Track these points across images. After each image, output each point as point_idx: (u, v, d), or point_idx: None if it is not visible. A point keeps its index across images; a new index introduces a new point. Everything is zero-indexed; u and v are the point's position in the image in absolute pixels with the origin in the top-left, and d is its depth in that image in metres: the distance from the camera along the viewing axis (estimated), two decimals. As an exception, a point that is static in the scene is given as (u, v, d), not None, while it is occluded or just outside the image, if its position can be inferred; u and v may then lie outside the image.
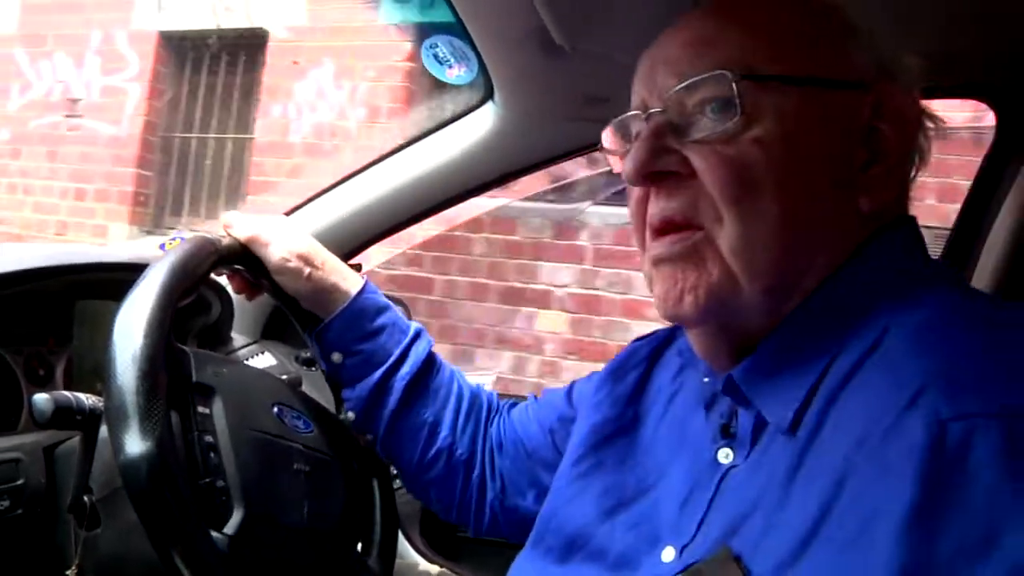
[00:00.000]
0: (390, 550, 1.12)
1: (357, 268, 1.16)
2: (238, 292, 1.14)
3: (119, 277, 1.21)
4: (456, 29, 1.17)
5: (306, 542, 0.94)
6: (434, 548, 1.64)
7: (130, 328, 0.81)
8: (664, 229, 0.74)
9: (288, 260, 1.04)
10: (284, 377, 1.46)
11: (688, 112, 0.72)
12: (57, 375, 1.20)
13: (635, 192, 0.78)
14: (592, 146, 1.46)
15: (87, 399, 0.88)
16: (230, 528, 0.83)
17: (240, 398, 0.94)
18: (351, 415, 1.11)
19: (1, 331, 1.13)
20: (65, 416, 0.86)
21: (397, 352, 1.09)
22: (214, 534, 0.81)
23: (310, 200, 1.59)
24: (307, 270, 1.05)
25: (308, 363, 1.66)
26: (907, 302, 0.66)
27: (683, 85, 0.72)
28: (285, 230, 1.07)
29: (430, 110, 1.52)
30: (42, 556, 0.96)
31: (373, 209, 1.56)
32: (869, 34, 0.74)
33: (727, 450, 0.74)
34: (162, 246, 1.69)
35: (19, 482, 0.97)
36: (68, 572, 0.89)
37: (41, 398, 0.85)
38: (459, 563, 1.64)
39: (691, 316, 0.73)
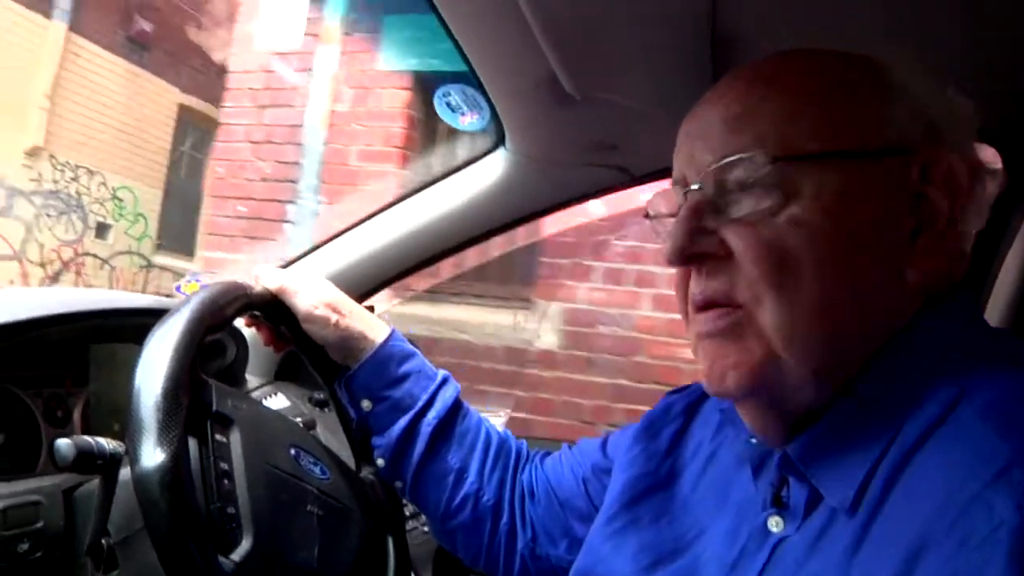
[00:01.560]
0: None
1: (370, 310, 1.17)
2: (266, 344, 1.16)
3: (135, 322, 1.23)
4: (468, 78, 1.20)
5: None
6: (446, 590, 1.63)
7: (158, 351, 0.83)
8: (706, 306, 0.73)
9: (316, 308, 1.07)
10: (299, 420, 1.47)
11: (726, 190, 0.71)
12: (75, 416, 1.21)
13: (678, 268, 0.77)
14: (600, 191, 1.48)
15: (107, 443, 0.89)
16: (237, 555, 0.83)
17: (258, 433, 0.95)
18: (380, 462, 1.12)
19: (20, 374, 1.15)
20: (86, 461, 0.87)
21: (424, 397, 1.10)
22: (221, 558, 0.81)
23: (323, 243, 1.61)
24: (335, 318, 1.07)
25: (321, 405, 1.67)
26: (977, 376, 0.64)
27: (718, 165, 0.71)
28: (313, 281, 1.10)
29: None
30: (61, 598, 0.97)
31: (385, 253, 1.58)
32: (916, 91, 0.71)
33: (778, 519, 0.73)
34: (178, 287, 1.71)
35: (39, 525, 0.98)
36: (86, 615, 0.89)
37: (64, 443, 0.86)
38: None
39: (735, 393, 0.73)
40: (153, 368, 0.82)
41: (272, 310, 1.08)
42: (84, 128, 9.91)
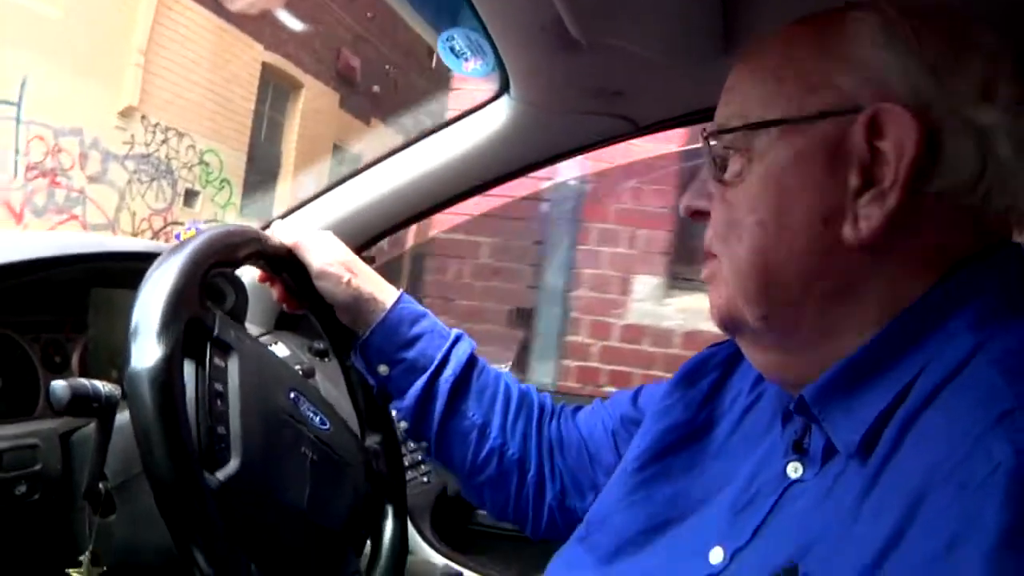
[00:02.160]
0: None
1: (370, 260, 1.16)
2: (279, 301, 1.14)
3: (134, 266, 1.21)
4: (472, 22, 1.17)
5: (301, 526, 0.93)
6: (444, 540, 1.64)
7: (165, 267, 0.82)
8: (704, 254, 0.83)
9: (331, 265, 1.07)
10: (298, 368, 1.47)
11: (714, 157, 0.78)
12: (73, 362, 1.21)
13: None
14: (607, 139, 1.46)
15: (104, 387, 0.88)
16: (222, 474, 0.82)
17: (258, 368, 0.94)
18: (403, 424, 1.13)
19: (18, 318, 1.14)
20: (82, 403, 0.86)
21: (439, 356, 1.11)
22: (205, 474, 0.80)
23: (326, 191, 1.59)
24: (347, 276, 1.07)
25: (321, 354, 1.67)
26: (998, 327, 0.65)
27: (705, 135, 0.79)
28: (327, 239, 1.11)
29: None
30: (57, 541, 0.97)
31: (387, 201, 1.57)
32: (877, 51, 0.70)
33: (797, 464, 0.75)
34: (177, 235, 1.71)
35: (36, 468, 0.98)
36: (82, 558, 0.89)
37: (59, 385, 0.85)
38: (469, 555, 1.64)
39: (721, 330, 0.82)
40: (158, 281, 0.81)
41: (285, 265, 1.07)
42: (174, 87, 9.41)
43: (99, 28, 8.41)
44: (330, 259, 1.08)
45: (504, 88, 1.38)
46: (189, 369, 0.84)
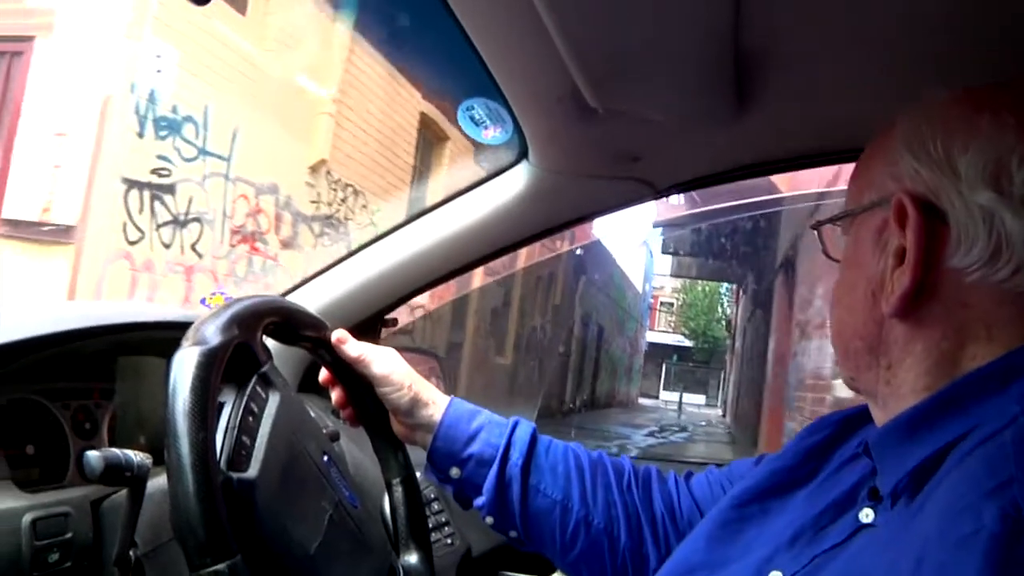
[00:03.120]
0: None
1: (394, 323, 1.19)
2: (338, 406, 1.20)
3: (161, 335, 1.24)
4: (492, 92, 1.20)
5: (303, 572, 0.91)
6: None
7: (231, 303, 0.90)
8: None
9: (392, 373, 1.13)
10: (324, 431, 1.48)
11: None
12: (102, 428, 1.22)
13: None
14: (625, 203, 1.48)
15: (136, 456, 0.90)
16: (235, 474, 0.84)
17: (297, 414, 0.98)
18: (489, 520, 1.16)
19: (49, 386, 1.16)
20: (115, 473, 0.88)
21: (503, 444, 1.14)
22: (221, 467, 0.83)
23: (350, 255, 1.62)
24: (408, 382, 1.13)
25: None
26: None
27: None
28: (390, 353, 1.16)
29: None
30: (89, 609, 0.98)
31: (410, 265, 1.59)
32: (919, 143, 0.78)
33: (869, 511, 0.78)
34: (203, 300, 1.73)
35: (68, 536, 0.99)
36: (114, 625, 0.90)
37: (93, 456, 0.87)
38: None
39: None
40: (219, 310, 0.88)
41: (347, 374, 1.14)
42: (354, 139, 9.06)
43: (294, 71, 8.17)
44: (391, 368, 1.14)
45: (523, 154, 1.41)
46: (229, 392, 0.88)
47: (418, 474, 1.21)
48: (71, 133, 6.67)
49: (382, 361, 1.14)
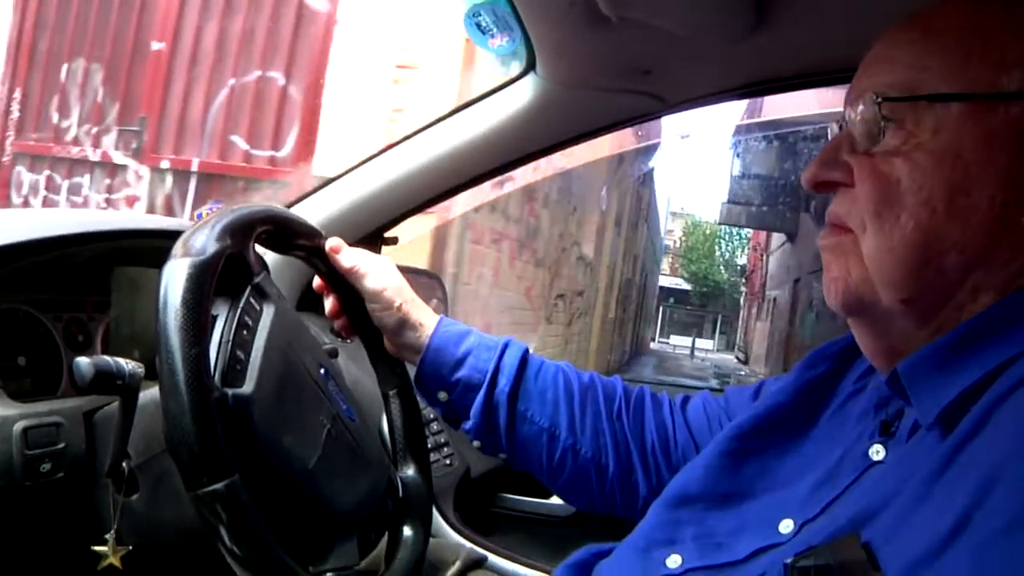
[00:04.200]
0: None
1: (394, 241, 1.16)
2: (331, 316, 1.17)
3: (156, 244, 1.21)
4: (500, -2, 1.16)
5: (302, 483, 0.89)
6: (468, 523, 1.63)
7: (222, 211, 0.86)
8: (831, 225, 0.79)
9: (384, 290, 1.10)
10: (323, 347, 1.46)
11: (860, 127, 0.75)
12: (96, 341, 1.21)
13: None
14: (633, 118, 1.44)
15: (127, 364, 0.88)
16: (230, 390, 0.82)
17: (292, 326, 0.95)
18: (477, 444, 1.15)
19: (41, 297, 1.14)
20: (105, 380, 0.86)
21: (491, 369, 1.11)
22: (216, 383, 0.80)
23: (353, 168, 1.58)
24: (398, 301, 1.10)
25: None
26: None
27: (856, 102, 0.76)
28: (382, 263, 1.13)
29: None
30: (82, 520, 0.97)
31: (413, 180, 1.55)
32: None
33: (879, 447, 0.75)
34: (199, 215, 1.70)
35: (60, 446, 0.97)
36: (107, 536, 0.89)
37: (82, 362, 0.85)
38: (493, 538, 1.63)
39: (836, 306, 0.78)
40: (210, 218, 0.85)
41: (340, 285, 1.12)
42: None
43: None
44: (383, 285, 1.10)
45: (531, 66, 1.36)
46: (222, 304, 0.86)
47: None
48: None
49: (375, 275, 1.11)
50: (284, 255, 1.08)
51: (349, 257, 1.11)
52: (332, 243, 1.11)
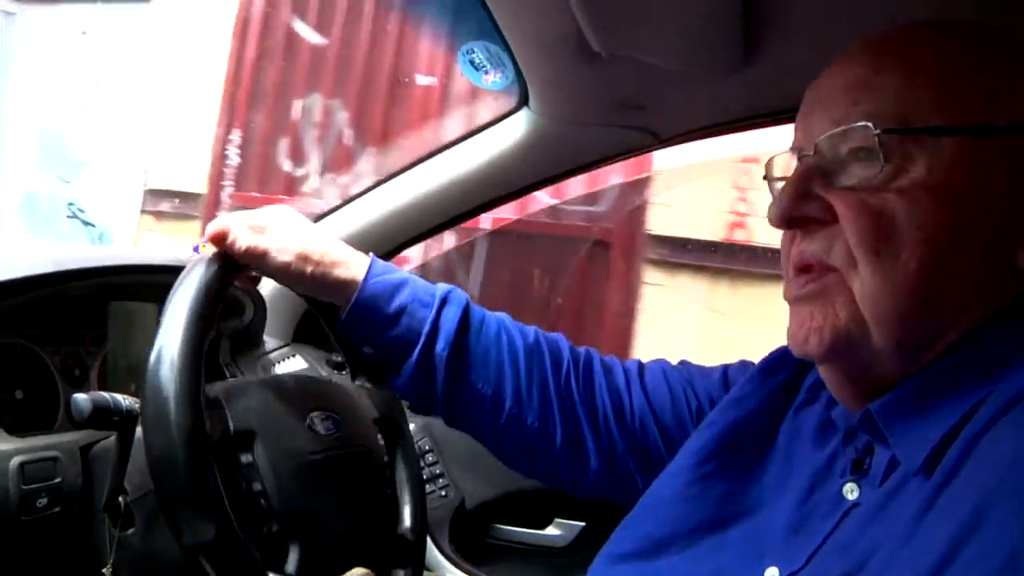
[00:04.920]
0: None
1: None
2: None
3: (152, 279, 1.22)
4: (492, 35, 1.17)
5: (350, 543, 0.95)
6: (463, 555, 1.63)
7: (162, 387, 0.81)
8: (802, 269, 0.75)
9: (288, 265, 0.97)
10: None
11: (839, 159, 0.72)
12: (92, 375, 1.21)
13: (785, 231, 0.78)
14: (627, 152, 1.45)
15: (124, 400, 0.88)
16: (291, 566, 0.86)
17: (277, 429, 0.94)
18: (406, 403, 1.09)
19: (38, 331, 1.14)
20: (103, 416, 0.86)
21: (426, 329, 1.00)
22: None
23: (347, 202, 1.59)
24: (308, 269, 0.97)
25: (339, 367, 1.66)
26: None
27: (831, 133, 0.72)
28: (281, 230, 0.98)
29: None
30: (78, 554, 0.97)
31: (408, 213, 1.56)
32: None
33: (853, 485, 0.73)
34: (196, 248, 1.71)
35: (57, 481, 0.98)
36: (103, 571, 0.89)
37: (80, 398, 0.86)
38: (488, 569, 1.63)
39: (816, 355, 0.74)
40: (161, 410, 0.81)
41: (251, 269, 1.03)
42: None
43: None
44: (286, 258, 0.96)
45: (523, 101, 1.37)
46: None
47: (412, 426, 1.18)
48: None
49: (275, 251, 0.96)
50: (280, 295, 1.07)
51: (243, 238, 0.95)
52: (212, 231, 0.94)
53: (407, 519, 1.10)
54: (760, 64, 1.14)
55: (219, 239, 0.94)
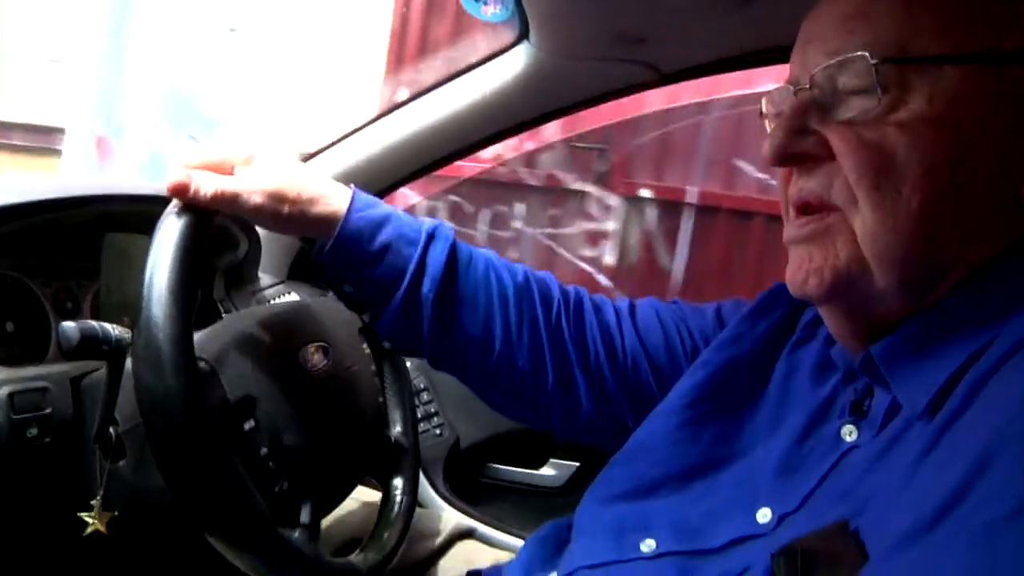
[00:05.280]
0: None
1: None
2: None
3: (146, 209, 1.20)
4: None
5: (353, 467, 1.00)
6: (456, 493, 1.64)
7: (160, 367, 0.78)
8: (802, 209, 0.73)
9: (262, 206, 0.90)
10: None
11: (836, 92, 0.69)
12: (84, 308, 1.20)
13: (782, 168, 0.76)
14: (629, 88, 1.43)
15: (113, 329, 0.87)
16: (304, 517, 0.90)
17: (271, 386, 0.94)
18: (387, 345, 1.06)
19: (29, 263, 1.13)
20: (91, 345, 0.85)
21: (412, 267, 0.96)
22: (289, 533, 0.87)
23: (342, 138, 1.57)
24: (284, 208, 0.91)
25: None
26: None
27: (826, 65, 0.69)
28: (251, 168, 0.92)
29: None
30: (68, 485, 0.97)
31: (405, 148, 1.53)
32: None
33: (852, 427, 0.72)
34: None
35: (47, 411, 0.97)
36: (93, 502, 0.89)
37: (68, 326, 0.84)
38: (482, 508, 1.64)
39: (816, 296, 0.72)
40: (163, 393, 0.78)
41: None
42: None
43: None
44: (257, 199, 0.90)
45: (523, 34, 1.34)
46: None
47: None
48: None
49: (244, 193, 0.89)
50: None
51: (209, 184, 0.86)
52: (173, 182, 0.85)
53: (398, 424, 1.12)
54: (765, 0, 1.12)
55: (180, 191, 0.85)
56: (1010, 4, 0.65)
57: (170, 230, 0.83)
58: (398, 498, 1.09)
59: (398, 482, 1.10)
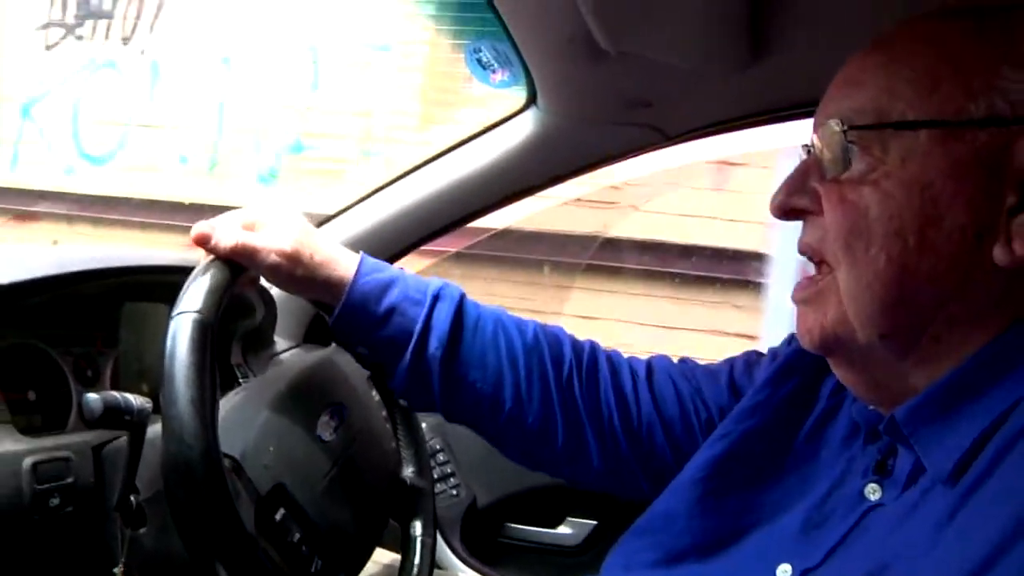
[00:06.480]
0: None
1: None
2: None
3: (166, 279, 1.22)
4: (500, 34, 1.17)
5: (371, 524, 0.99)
6: (474, 554, 1.63)
7: (176, 398, 0.82)
8: (805, 254, 0.77)
9: (278, 264, 0.94)
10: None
11: (831, 152, 0.73)
12: (105, 376, 1.21)
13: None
14: (635, 150, 1.45)
15: (135, 400, 0.89)
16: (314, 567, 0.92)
17: (295, 468, 0.96)
18: (403, 402, 1.09)
19: (51, 332, 1.15)
20: (114, 416, 0.87)
21: (418, 328, 0.98)
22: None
23: (354, 204, 1.59)
24: (297, 271, 0.95)
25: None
26: None
27: (822, 127, 0.74)
28: (268, 228, 0.96)
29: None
30: (91, 553, 0.97)
31: (415, 213, 1.55)
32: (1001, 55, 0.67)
33: (875, 486, 0.73)
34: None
35: (69, 480, 0.98)
36: (116, 570, 0.90)
37: (92, 397, 0.86)
38: (499, 569, 1.63)
39: (812, 349, 0.77)
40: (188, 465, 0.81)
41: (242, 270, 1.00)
42: None
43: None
44: (273, 259, 0.94)
45: (531, 99, 1.37)
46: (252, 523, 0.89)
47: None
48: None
49: (262, 251, 0.93)
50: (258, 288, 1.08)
51: (228, 238, 0.91)
52: (196, 232, 0.92)
53: (411, 465, 1.14)
54: (767, 61, 1.14)
55: (201, 241, 0.92)
56: (986, 73, 0.67)
57: (191, 301, 0.86)
58: (419, 540, 1.11)
59: (417, 526, 1.12)
